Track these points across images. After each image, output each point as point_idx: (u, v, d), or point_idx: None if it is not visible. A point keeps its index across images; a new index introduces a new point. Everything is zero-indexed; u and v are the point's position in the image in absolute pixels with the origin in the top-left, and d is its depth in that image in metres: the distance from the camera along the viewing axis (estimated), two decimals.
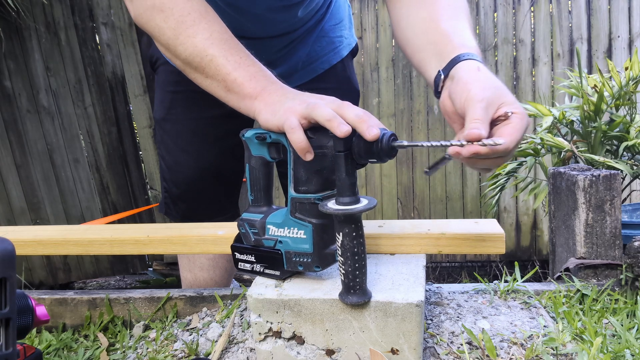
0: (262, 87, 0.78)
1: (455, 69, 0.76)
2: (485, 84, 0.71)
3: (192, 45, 0.82)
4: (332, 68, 1.30)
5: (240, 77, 0.79)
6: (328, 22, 1.27)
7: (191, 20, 0.83)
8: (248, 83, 0.79)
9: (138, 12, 0.88)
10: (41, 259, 3.04)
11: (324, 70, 1.29)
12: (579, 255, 0.97)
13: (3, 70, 2.83)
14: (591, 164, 1.72)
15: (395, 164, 3.14)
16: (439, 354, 0.74)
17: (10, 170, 2.92)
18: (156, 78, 1.30)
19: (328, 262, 0.72)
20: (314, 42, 1.25)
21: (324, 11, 1.25)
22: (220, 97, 0.84)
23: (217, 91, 0.83)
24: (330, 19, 1.28)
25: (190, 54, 0.83)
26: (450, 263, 3.24)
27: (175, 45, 0.84)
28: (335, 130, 0.64)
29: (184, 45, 0.83)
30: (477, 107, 0.67)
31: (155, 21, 0.85)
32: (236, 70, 0.80)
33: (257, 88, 0.78)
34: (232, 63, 0.80)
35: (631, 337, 0.74)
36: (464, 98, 0.70)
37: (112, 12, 2.99)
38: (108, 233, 0.98)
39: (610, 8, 2.96)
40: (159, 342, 0.88)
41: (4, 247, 0.55)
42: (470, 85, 0.71)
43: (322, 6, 1.23)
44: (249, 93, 0.78)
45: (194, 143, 1.24)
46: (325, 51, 1.28)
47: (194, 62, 0.83)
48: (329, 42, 1.28)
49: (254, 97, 0.78)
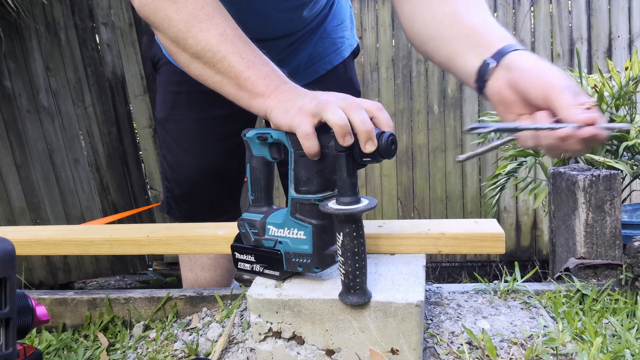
0: (275, 86, 0.77)
1: (510, 59, 0.73)
2: (560, 74, 0.69)
3: (204, 40, 0.80)
4: (334, 69, 1.30)
5: (254, 76, 0.78)
6: (330, 23, 1.27)
7: (205, 15, 0.81)
8: (262, 82, 0.78)
9: (145, 1, 0.85)
10: (41, 259, 3.03)
11: (326, 71, 1.29)
12: (579, 255, 0.97)
13: (3, 70, 2.83)
14: (591, 164, 1.72)
15: (395, 164, 3.15)
16: (439, 354, 0.74)
17: (10, 170, 2.92)
18: (158, 78, 1.29)
19: (327, 263, 0.72)
20: (317, 43, 1.25)
21: (326, 12, 1.25)
22: (229, 94, 0.82)
23: (227, 89, 0.81)
24: (333, 20, 1.27)
25: (202, 49, 0.81)
26: (450, 263, 3.24)
27: (186, 38, 0.82)
28: (339, 138, 0.65)
29: (196, 38, 0.81)
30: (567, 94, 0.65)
31: (165, 11, 0.83)
32: (250, 68, 0.79)
33: (270, 87, 0.77)
34: (245, 61, 0.79)
35: (631, 337, 0.74)
36: (543, 86, 0.68)
37: (112, 12, 2.98)
38: (108, 233, 0.98)
39: (610, 8, 2.96)
40: (159, 342, 0.88)
41: (4, 247, 0.55)
42: (544, 72, 0.69)
43: (325, 7, 1.23)
44: (261, 92, 0.77)
45: (196, 143, 1.24)
46: (327, 52, 1.28)
47: (205, 57, 0.81)
48: (331, 43, 1.28)
49: (266, 95, 0.77)
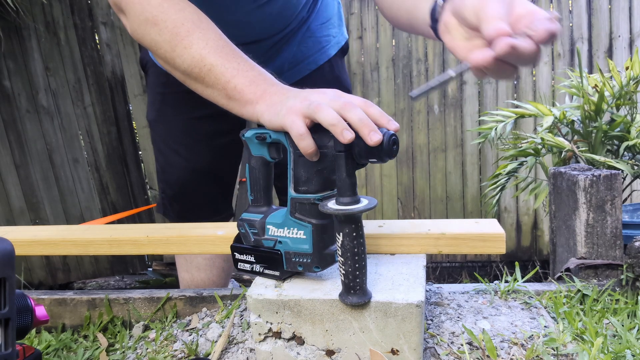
0: (263, 90, 0.77)
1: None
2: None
3: (189, 57, 0.81)
4: (319, 68, 1.28)
5: (240, 84, 0.78)
6: (314, 21, 1.25)
7: (185, 31, 0.81)
8: (248, 89, 0.78)
9: (133, 27, 0.87)
10: (40, 259, 3.03)
11: (310, 71, 1.27)
12: (580, 255, 0.97)
13: (2, 70, 2.82)
14: (592, 163, 1.72)
15: (396, 164, 3.14)
16: (439, 354, 0.74)
17: (10, 170, 2.91)
18: (147, 80, 1.29)
19: (328, 262, 0.72)
20: (300, 43, 1.23)
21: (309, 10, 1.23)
22: (223, 105, 0.82)
23: (219, 100, 0.82)
24: (317, 18, 1.25)
25: (188, 66, 0.81)
26: (451, 263, 3.23)
27: (173, 57, 0.83)
28: (338, 136, 0.64)
29: (182, 57, 0.81)
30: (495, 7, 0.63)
31: (150, 35, 0.84)
32: (235, 77, 0.79)
33: (258, 92, 0.77)
34: (230, 70, 0.79)
35: (632, 338, 0.74)
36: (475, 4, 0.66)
37: (111, 12, 2.98)
38: (107, 233, 0.98)
39: (611, 8, 2.96)
40: (158, 343, 0.88)
41: (3, 247, 0.54)
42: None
43: (305, 6, 1.20)
44: (249, 99, 0.77)
45: (184, 143, 1.24)
46: (311, 52, 1.26)
47: (193, 73, 0.82)
48: (315, 42, 1.26)
49: (254, 102, 0.77)
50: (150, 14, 0.83)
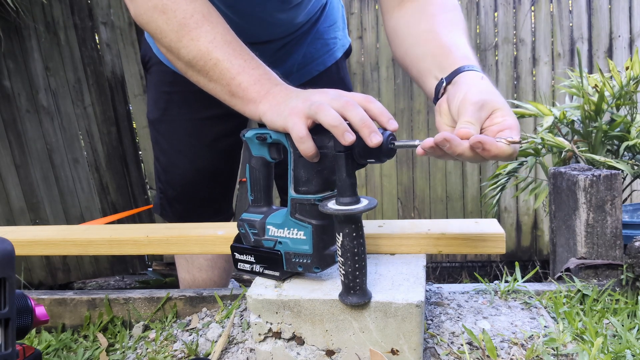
0: (266, 90, 0.77)
1: (458, 77, 0.77)
2: (482, 89, 0.72)
3: (195, 49, 0.81)
4: (326, 70, 1.29)
5: (245, 82, 0.78)
6: (323, 23, 1.26)
7: (194, 23, 0.81)
8: (252, 87, 0.78)
9: (139, 11, 0.86)
10: (40, 259, 3.03)
11: (319, 72, 1.28)
12: (580, 255, 0.97)
13: (2, 70, 2.82)
14: (592, 163, 1.72)
15: (395, 164, 3.14)
16: (439, 355, 0.74)
17: (10, 170, 2.91)
18: (149, 78, 1.28)
19: (327, 263, 0.72)
20: (309, 45, 1.24)
21: (319, 13, 1.24)
22: (224, 100, 0.82)
23: (222, 95, 0.82)
24: (325, 21, 1.27)
25: (193, 57, 0.81)
26: (451, 263, 3.23)
27: (178, 48, 0.83)
28: (339, 138, 0.64)
29: (187, 48, 0.81)
30: (470, 110, 0.69)
31: (156, 22, 0.84)
32: (240, 74, 0.79)
33: (262, 92, 0.77)
34: (236, 67, 0.79)
35: (632, 338, 0.74)
36: (460, 99, 0.72)
37: (111, 12, 2.98)
38: (107, 233, 0.98)
39: (611, 8, 2.96)
40: (158, 343, 0.88)
41: (3, 247, 0.54)
42: (468, 88, 0.73)
43: (318, 8, 1.22)
44: (253, 98, 0.77)
45: (189, 144, 1.23)
46: (320, 53, 1.27)
47: (197, 65, 0.82)
48: (323, 44, 1.27)
49: (258, 101, 0.77)
50: (160, 2, 0.82)
